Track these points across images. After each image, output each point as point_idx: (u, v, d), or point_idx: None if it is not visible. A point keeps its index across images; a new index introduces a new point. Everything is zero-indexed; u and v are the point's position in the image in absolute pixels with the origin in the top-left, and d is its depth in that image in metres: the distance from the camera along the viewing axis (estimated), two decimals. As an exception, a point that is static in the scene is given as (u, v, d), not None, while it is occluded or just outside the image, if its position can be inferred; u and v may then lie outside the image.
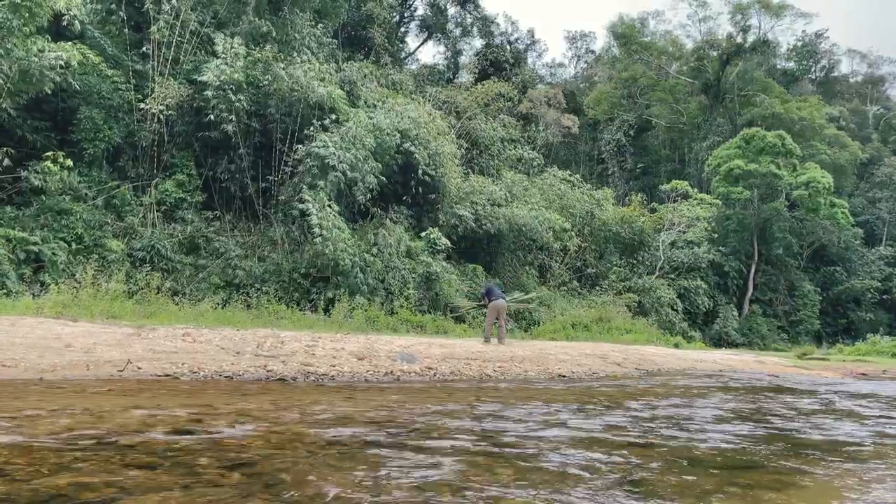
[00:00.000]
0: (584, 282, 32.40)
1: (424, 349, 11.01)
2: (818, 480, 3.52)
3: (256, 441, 3.67)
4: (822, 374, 16.77)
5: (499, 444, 4.05)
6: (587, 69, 68.45)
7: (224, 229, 18.70)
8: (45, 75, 14.92)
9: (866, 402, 8.91)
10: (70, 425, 3.79)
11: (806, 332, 42.85)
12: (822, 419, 6.51)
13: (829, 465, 4.05)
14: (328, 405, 5.49)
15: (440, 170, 22.10)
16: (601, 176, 50.23)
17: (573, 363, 12.18)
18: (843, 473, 3.79)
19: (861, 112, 66.93)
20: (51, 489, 2.49)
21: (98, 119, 17.14)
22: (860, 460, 4.28)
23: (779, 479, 3.44)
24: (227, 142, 18.48)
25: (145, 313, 12.23)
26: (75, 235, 15.33)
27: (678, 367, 14.95)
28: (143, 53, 18.50)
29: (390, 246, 19.65)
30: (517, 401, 6.84)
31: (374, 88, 25.39)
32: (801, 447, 4.73)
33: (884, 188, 53.53)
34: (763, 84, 53.19)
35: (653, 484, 3.15)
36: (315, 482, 2.81)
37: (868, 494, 3.24)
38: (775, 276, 44.22)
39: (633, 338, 24.14)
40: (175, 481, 2.69)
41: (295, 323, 14.56)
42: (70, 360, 6.76)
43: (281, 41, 20.47)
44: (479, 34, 45.49)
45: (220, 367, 7.50)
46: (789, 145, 40.22)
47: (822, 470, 3.85)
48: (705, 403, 7.53)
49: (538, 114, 39.36)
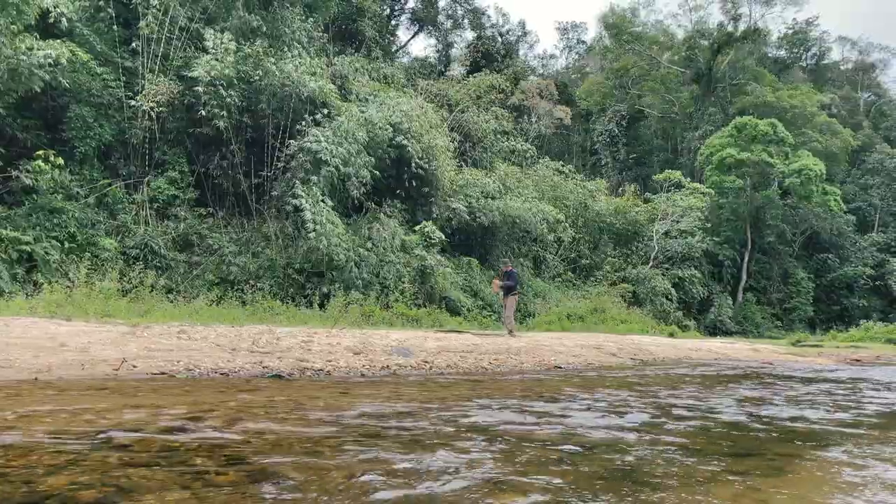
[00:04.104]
0: (579, 273, 32.48)
1: (420, 343, 11.02)
2: (814, 466, 3.55)
3: (253, 438, 3.67)
4: (817, 361, 16.86)
5: (498, 435, 4.06)
6: (579, 60, 68.45)
7: (217, 226, 18.64)
8: (34, 74, 14.81)
9: (861, 388, 8.97)
10: (66, 425, 3.78)
11: (800, 320, 43.10)
12: (818, 406, 6.55)
13: (825, 450, 4.08)
14: (324, 401, 5.49)
15: (433, 163, 22.07)
16: (594, 167, 50.27)
17: (569, 354, 12.21)
18: (839, 458, 3.82)
19: (852, 99, 67.15)
20: (48, 489, 2.48)
21: (88, 117, 17.04)
22: (855, 445, 4.30)
23: (775, 466, 3.46)
24: (218, 138, 18.40)
25: (140, 311, 12.19)
26: (68, 234, 15.26)
27: (673, 357, 15.01)
28: (133, 50, 18.37)
29: (385, 240, 19.64)
30: (511, 392, 6.86)
31: (366, 82, 25.30)
32: (797, 434, 4.76)
33: (875, 175, 53.76)
34: (754, 72, 53.28)
35: (647, 471, 3.17)
36: (313, 479, 2.82)
37: (863, 478, 3.26)
38: (769, 264, 44.43)
39: (627, 328, 24.22)
40: (173, 480, 2.69)
41: (290, 319, 14.54)
42: (65, 359, 6.74)
43: (271, 36, 20.35)
44: (471, 26, 45.40)
45: (216, 365, 7.49)
46: (781, 133, 40.33)
47: (818, 455, 3.88)
48: (699, 392, 7.57)
49: (530, 105, 39.30)
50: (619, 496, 2.73)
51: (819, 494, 2.95)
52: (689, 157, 48.87)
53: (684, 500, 2.71)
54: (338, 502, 2.48)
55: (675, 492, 2.83)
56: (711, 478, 3.13)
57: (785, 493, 2.94)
